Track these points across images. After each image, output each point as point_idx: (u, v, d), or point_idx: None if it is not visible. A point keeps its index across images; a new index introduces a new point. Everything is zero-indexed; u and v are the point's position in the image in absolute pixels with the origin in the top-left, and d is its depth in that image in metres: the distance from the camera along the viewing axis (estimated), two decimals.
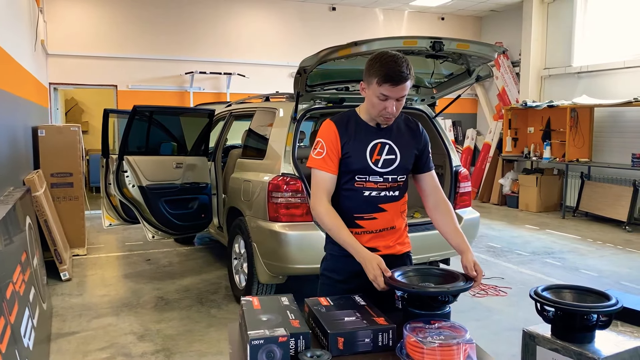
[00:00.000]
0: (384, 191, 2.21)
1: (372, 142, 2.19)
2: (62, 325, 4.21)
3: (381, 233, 2.24)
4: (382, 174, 2.19)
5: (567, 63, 9.95)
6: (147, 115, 5.16)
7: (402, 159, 2.21)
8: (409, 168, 2.26)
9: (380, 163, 2.19)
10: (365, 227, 2.23)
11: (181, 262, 6.12)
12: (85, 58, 9.37)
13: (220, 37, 10.21)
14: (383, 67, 2.03)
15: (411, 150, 2.24)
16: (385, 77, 2.02)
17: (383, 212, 2.21)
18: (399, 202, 2.25)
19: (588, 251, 6.63)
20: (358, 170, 2.18)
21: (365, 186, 2.20)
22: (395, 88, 2.04)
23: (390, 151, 2.20)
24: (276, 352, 1.63)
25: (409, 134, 2.26)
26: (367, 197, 2.20)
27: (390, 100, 2.07)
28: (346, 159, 2.19)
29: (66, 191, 6.24)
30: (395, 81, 2.02)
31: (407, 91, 2.08)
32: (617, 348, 2.02)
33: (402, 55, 2.07)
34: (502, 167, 10.73)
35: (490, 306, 4.60)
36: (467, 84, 4.35)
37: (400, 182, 2.24)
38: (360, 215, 2.22)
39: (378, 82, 2.04)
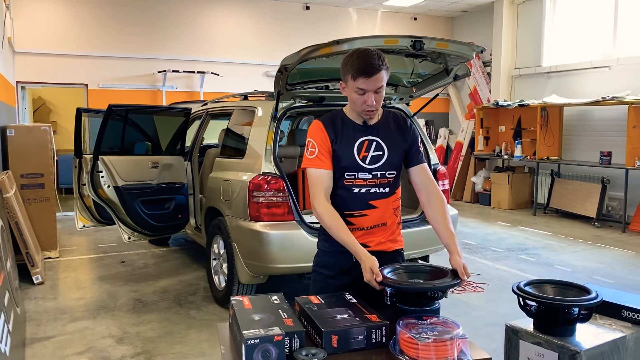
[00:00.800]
0: (373, 188, 2.22)
1: (360, 139, 2.22)
2: (36, 329, 4.10)
3: (372, 230, 2.25)
4: (371, 171, 2.21)
5: (537, 63, 10.16)
6: (123, 114, 5.06)
7: (390, 155, 2.23)
8: (398, 164, 2.27)
9: (368, 160, 2.21)
10: (356, 223, 2.24)
11: (157, 264, 6.02)
12: (54, 56, 9.14)
13: (193, 35, 10.10)
14: (355, 62, 2.08)
15: (399, 146, 2.26)
16: (358, 71, 2.07)
17: (373, 208, 2.23)
18: (389, 198, 2.26)
19: (560, 247, 6.79)
20: (346, 167, 2.20)
21: (355, 183, 2.21)
22: (370, 80, 2.07)
23: (378, 147, 2.22)
24: (272, 351, 1.62)
25: (397, 130, 2.28)
26: (356, 194, 2.22)
27: (368, 93, 2.10)
28: (335, 157, 2.21)
29: (37, 192, 6.08)
30: (368, 73, 2.06)
31: (384, 82, 2.11)
32: (597, 340, 2.07)
33: (373, 49, 2.12)
34: (475, 165, 10.90)
35: (469, 302, 4.67)
36: (444, 83, 4.39)
37: (389, 179, 2.24)
38: (350, 212, 2.23)
39: (353, 77, 2.09)
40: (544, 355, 2.10)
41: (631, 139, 7.66)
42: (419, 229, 4.35)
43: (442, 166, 4.74)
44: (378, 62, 2.06)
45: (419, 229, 4.35)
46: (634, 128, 7.66)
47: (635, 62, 8.27)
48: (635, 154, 7.63)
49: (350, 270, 2.23)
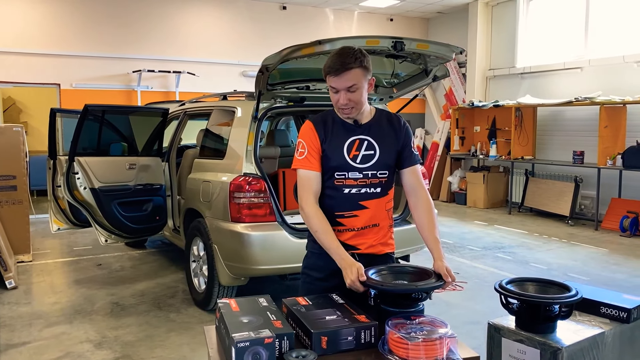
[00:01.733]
0: (364, 188, 2.20)
1: (351, 139, 2.20)
2: (10, 335, 4.00)
3: (363, 231, 2.24)
4: (362, 170, 2.19)
5: (511, 64, 10.33)
6: (99, 114, 4.97)
7: (382, 154, 2.21)
8: (390, 164, 2.24)
9: (359, 159, 2.19)
10: (347, 224, 2.22)
11: (134, 266, 5.93)
12: (25, 55, 8.93)
13: (168, 34, 9.98)
14: (328, 60, 2.09)
15: (392, 146, 2.24)
16: (327, 69, 2.08)
17: (364, 209, 2.21)
18: (381, 199, 2.24)
19: (535, 245, 6.91)
20: (336, 167, 2.19)
21: (345, 183, 2.20)
22: (338, 78, 2.06)
23: (369, 147, 2.21)
24: (262, 353, 1.60)
25: (390, 129, 2.26)
26: (347, 195, 2.20)
27: (340, 92, 2.09)
28: (324, 157, 2.20)
29: (9, 195, 5.93)
30: (335, 70, 2.05)
31: (358, 82, 2.08)
32: (578, 337, 2.11)
33: (353, 47, 2.10)
34: (450, 165, 11.01)
35: (449, 301, 4.71)
36: (424, 84, 4.42)
37: (381, 179, 2.22)
38: (341, 213, 2.22)
39: (325, 76, 2.11)
40: (526, 353, 2.13)
41: (603, 138, 7.84)
42: (399, 229, 4.36)
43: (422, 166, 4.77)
44: (349, 60, 2.04)
45: (399, 229, 4.36)
46: (606, 128, 7.84)
47: (606, 63, 8.47)
48: (606, 154, 7.82)
49: (339, 272, 2.21)
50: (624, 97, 7.73)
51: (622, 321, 2.12)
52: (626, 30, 8.35)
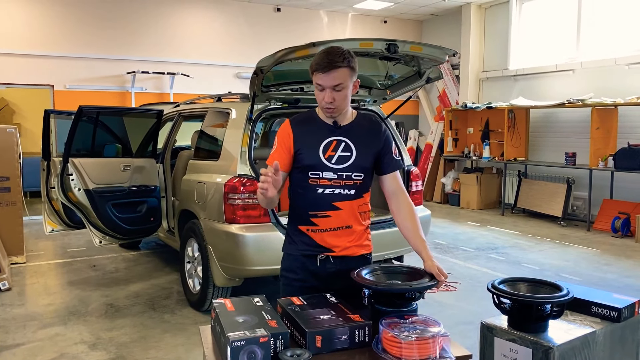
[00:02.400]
0: (338, 189, 2.20)
1: (328, 139, 2.21)
2: (4, 337, 3.99)
3: (336, 232, 2.23)
4: (336, 171, 2.19)
5: (503, 66, 10.39)
6: (93, 116, 4.97)
7: (359, 157, 2.21)
8: (367, 167, 2.24)
9: (334, 159, 2.19)
10: (320, 224, 2.23)
11: (128, 268, 5.93)
12: (18, 56, 8.90)
13: (162, 36, 9.98)
14: (317, 57, 2.10)
15: (370, 149, 2.24)
16: (315, 66, 2.09)
17: (337, 210, 2.21)
18: (354, 201, 2.23)
19: (528, 246, 6.96)
20: (310, 166, 2.19)
21: (319, 183, 2.20)
22: (325, 76, 2.07)
23: (346, 148, 2.21)
24: (257, 352, 1.62)
25: (369, 133, 2.26)
26: (320, 194, 2.20)
27: (326, 90, 2.10)
28: (299, 155, 2.21)
29: (2, 196, 5.92)
30: (323, 67, 2.06)
31: (345, 81, 2.09)
32: (569, 336, 2.14)
33: (342, 47, 2.12)
34: (444, 166, 11.07)
35: (442, 301, 4.74)
36: (417, 86, 4.46)
37: (356, 181, 2.22)
38: (314, 212, 2.22)
39: (312, 73, 2.12)
40: (519, 352, 2.16)
41: (594, 140, 7.91)
42: (393, 230, 4.38)
43: (416, 168, 4.80)
44: (338, 59, 2.05)
45: (393, 230, 4.38)
46: (597, 130, 7.91)
47: (597, 65, 8.55)
48: (598, 155, 7.89)
49: (315, 273, 2.25)
50: (615, 99, 7.80)
51: (612, 320, 2.15)
52: (617, 32, 8.43)
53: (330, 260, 2.25)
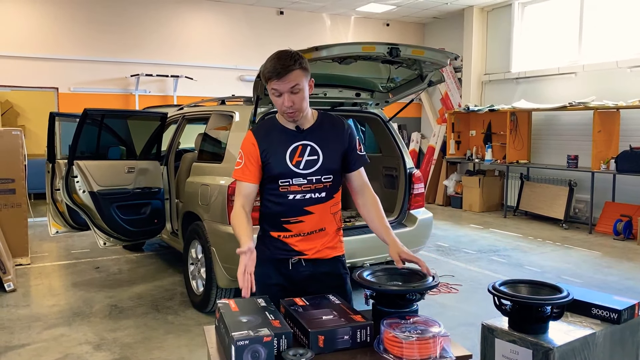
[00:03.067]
0: (308, 193, 2.21)
1: (293, 145, 2.20)
2: (9, 337, 4.03)
3: (310, 236, 2.25)
4: (305, 176, 2.20)
5: (506, 69, 10.42)
6: (98, 118, 5.02)
7: (325, 159, 2.21)
8: (335, 168, 2.24)
9: (302, 165, 2.19)
10: (293, 230, 2.24)
11: (132, 269, 5.97)
12: (23, 59, 8.96)
13: (166, 39, 10.03)
14: (268, 64, 2.09)
15: (335, 150, 2.24)
16: (268, 74, 2.07)
17: (310, 214, 2.23)
18: (326, 203, 2.25)
19: (530, 248, 6.97)
20: (280, 175, 2.19)
21: (290, 190, 2.20)
22: (281, 81, 2.06)
23: (312, 152, 2.21)
24: (261, 352, 1.65)
25: (333, 133, 2.26)
26: (292, 201, 2.21)
27: (284, 94, 2.09)
28: (266, 165, 2.21)
29: (7, 198, 5.96)
30: (277, 74, 2.05)
31: (300, 82, 2.08)
32: (569, 337, 2.16)
33: (289, 49, 2.12)
34: (446, 169, 11.09)
35: (444, 303, 4.77)
36: (419, 89, 4.49)
37: (325, 183, 2.23)
38: (286, 219, 2.23)
39: (266, 80, 2.10)
40: (519, 353, 2.19)
41: (596, 143, 7.92)
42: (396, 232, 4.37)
43: (418, 170, 4.83)
44: (290, 62, 2.05)
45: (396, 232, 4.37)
46: (599, 132, 7.92)
47: (599, 68, 8.57)
48: (600, 158, 7.90)
49: (288, 276, 2.27)
50: (617, 102, 7.82)
51: (612, 322, 2.17)
52: (619, 35, 8.45)
53: (302, 264, 2.25)
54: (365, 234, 4.27)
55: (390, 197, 4.89)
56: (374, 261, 4.25)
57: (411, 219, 4.57)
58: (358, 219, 4.80)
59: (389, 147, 4.90)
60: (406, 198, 4.64)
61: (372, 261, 4.23)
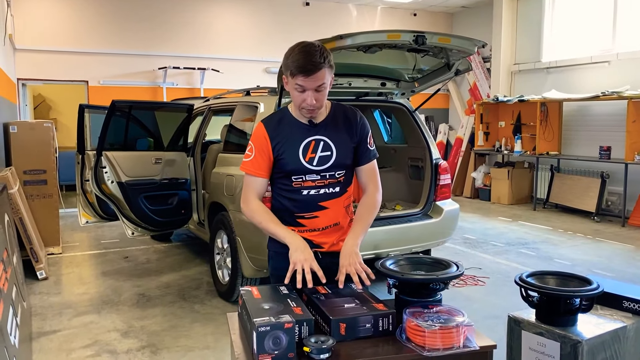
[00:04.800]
0: (323, 189, 2.17)
1: (306, 140, 2.13)
2: (42, 324, 4.14)
3: (325, 231, 2.21)
4: (319, 172, 2.14)
5: (536, 58, 10.19)
6: (126, 110, 5.09)
7: (339, 155, 2.16)
8: (348, 163, 2.19)
9: (315, 161, 2.13)
10: (308, 225, 2.20)
11: (160, 259, 6.06)
12: (55, 53, 9.16)
13: (193, 32, 10.11)
14: (295, 58, 1.98)
15: (348, 144, 2.18)
16: (297, 69, 1.97)
17: (324, 209, 2.18)
18: (340, 198, 2.21)
19: (560, 241, 6.83)
20: (293, 171, 2.14)
21: (304, 185, 2.16)
22: (309, 78, 1.98)
23: (326, 147, 2.14)
24: (282, 338, 1.65)
25: (345, 127, 2.19)
26: (306, 197, 2.16)
27: (308, 91, 2.01)
28: (279, 161, 2.14)
29: (39, 189, 6.11)
30: (307, 71, 1.96)
31: (326, 80, 2.02)
32: (599, 330, 2.11)
33: (317, 43, 2.03)
34: (474, 160, 10.93)
35: (470, 295, 4.71)
36: (446, 78, 4.42)
37: (339, 178, 2.19)
38: (301, 214, 2.18)
39: (292, 74, 2.00)
40: (546, 345, 2.15)
41: (630, 133, 7.70)
42: (420, 223, 4.38)
43: (444, 161, 4.77)
44: (319, 60, 1.97)
45: (420, 223, 4.38)
46: (634, 123, 7.69)
47: (634, 57, 8.31)
48: (634, 149, 7.67)
49: None
50: None
51: None
52: None
53: (319, 256, 2.19)
54: (390, 225, 4.25)
55: (416, 188, 4.84)
56: (399, 252, 4.22)
57: (437, 210, 4.51)
58: (383, 210, 4.77)
59: (415, 138, 4.85)
60: (432, 189, 4.58)
61: (396, 253, 4.19)
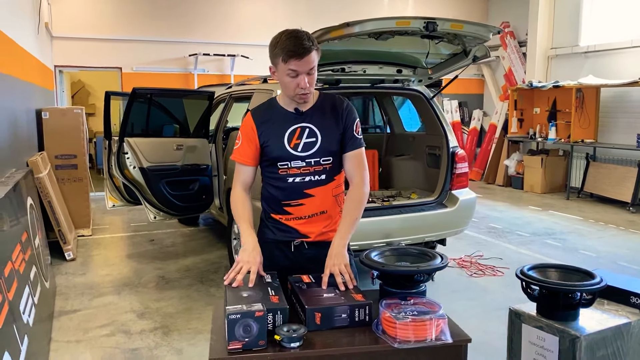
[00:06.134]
0: (308, 176, 2.18)
1: (291, 128, 2.17)
2: (64, 303, 4.32)
3: (311, 219, 2.23)
4: (304, 158, 2.17)
5: (574, 43, 9.83)
6: (147, 97, 5.20)
7: (324, 141, 2.17)
8: (334, 150, 2.20)
9: (300, 147, 2.16)
10: (294, 213, 2.22)
11: (184, 243, 6.21)
12: (89, 40, 9.39)
13: (223, 18, 10.17)
14: (285, 44, 2.03)
15: (334, 131, 2.19)
16: (289, 53, 2.01)
17: (310, 197, 2.20)
18: (327, 186, 2.21)
19: (589, 232, 6.63)
20: (278, 158, 2.17)
21: (289, 172, 2.18)
22: (302, 61, 2.02)
23: (311, 134, 2.17)
24: (253, 326, 1.68)
25: (332, 114, 2.21)
26: (291, 184, 2.19)
27: (301, 75, 2.05)
28: (265, 148, 2.19)
29: (70, 173, 6.33)
30: (300, 54, 2.00)
31: (315, 64, 2.06)
32: (600, 326, 2.07)
33: (300, 29, 2.08)
34: (508, 148, 10.68)
35: (486, 286, 4.64)
36: (464, 65, 4.33)
37: (325, 166, 2.19)
38: (287, 202, 2.21)
39: (284, 60, 2.03)
40: (545, 339, 2.12)
41: None
42: (434, 212, 4.34)
43: (462, 150, 4.68)
44: (308, 43, 2.02)
45: (434, 212, 4.34)
46: None
47: None
48: None
49: (291, 258, 2.26)
50: None
51: None
52: None
53: (305, 246, 2.23)
54: (403, 214, 4.22)
55: (433, 177, 4.78)
56: (411, 241, 4.19)
57: (452, 200, 4.45)
58: (397, 198, 4.74)
59: (433, 125, 4.78)
60: (448, 178, 4.52)
61: (409, 241, 4.17)
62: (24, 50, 5.78)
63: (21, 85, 5.53)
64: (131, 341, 3.63)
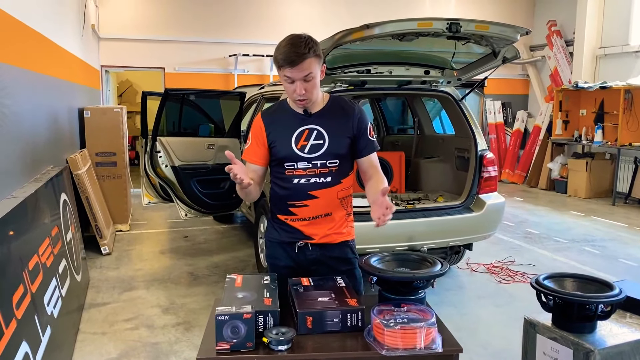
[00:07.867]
0: (313, 178, 2.20)
1: (299, 129, 2.19)
2: (95, 296, 4.48)
3: (315, 220, 2.24)
4: (310, 160, 2.18)
5: (624, 42, 9.42)
6: (180, 97, 5.32)
7: (331, 144, 2.18)
8: (342, 153, 2.21)
9: (307, 149, 2.18)
10: (298, 214, 2.24)
11: (216, 240, 6.32)
12: (134, 41, 9.68)
13: (263, 18, 10.28)
14: (280, 50, 2.04)
15: (343, 135, 2.21)
16: (282, 60, 2.03)
17: (314, 199, 2.21)
18: (332, 188, 2.22)
19: (632, 240, 6.35)
20: (285, 158, 2.19)
21: (295, 173, 2.20)
22: (295, 69, 2.02)
23: (319, 136, 2.18)
24: (241, 327, 1.70)
25: (342, 118, 2.22)
26: (297, 185, 2.21)
27: (296, 82, 2.06)
28: (272, 148, 2.21)
29: (110, 170, 6.55)
30: (291, 62, 2.01)
31: (313, 70, 2.05)
32: (617, 340, 2.00)
33: (303, 35, 2.06)
34: (552, 151, 10.35)
35: (514, 293, 4.52)
36: (493, 66, 4.24)
37: (331, 168, 2.20)
38: (292, 202, 2.23)
39: (278, 67, 2.07)
40: (559, 352, 2.06)
41: None
42: (459, 217, 4.25)
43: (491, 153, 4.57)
44: (304, 50, 2.01)
45: (459, 217, 4.25)
46: None
47: None
48: None
49: (295, 259, 2.28)
50: None
51: None
52: None
53: (309, 248, 2.26)
54: (426, 217, 4.16)
55: (462, 180, 4.69)
56: (434, 246, 4.13)
57: (479, 204, 4.35)
58: (423, 201, 4.68)
59: (462, 128, 4.69)
60: (475, 181, 4.42)
61: (432, 246, 4.12)
62: (66, 52, 6.01)
63: (63, 85, 5.76)
64: (153, 335, 3.74)
